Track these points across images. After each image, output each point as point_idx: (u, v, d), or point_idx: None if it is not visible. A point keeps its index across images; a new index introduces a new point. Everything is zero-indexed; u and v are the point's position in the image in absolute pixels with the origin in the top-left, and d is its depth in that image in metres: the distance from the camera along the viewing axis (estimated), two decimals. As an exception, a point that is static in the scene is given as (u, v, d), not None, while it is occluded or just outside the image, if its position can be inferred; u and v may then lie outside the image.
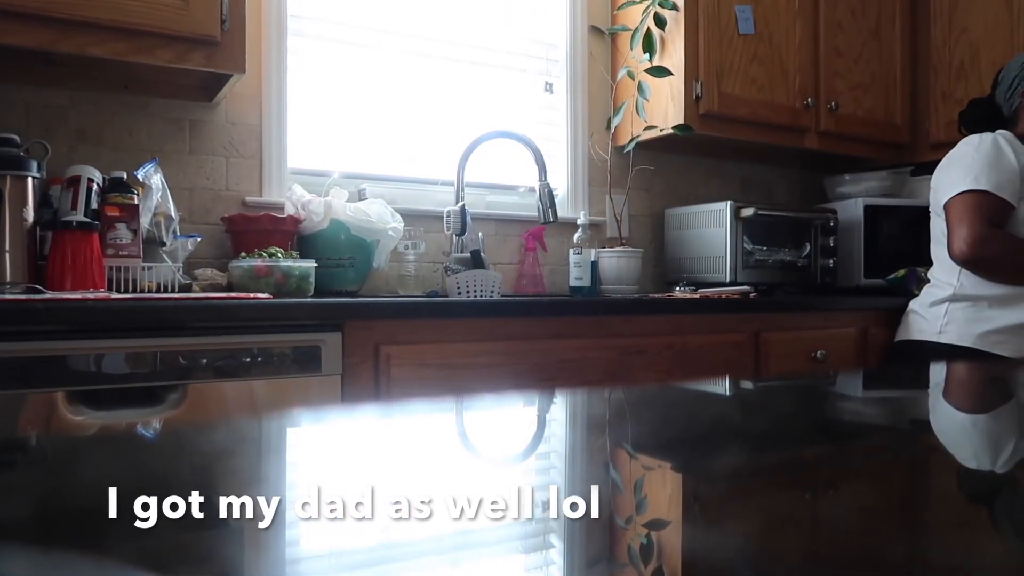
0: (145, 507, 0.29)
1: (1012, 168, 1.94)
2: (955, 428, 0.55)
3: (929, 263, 2.19)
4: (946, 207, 2.01)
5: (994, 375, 0.85)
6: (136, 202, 1.69)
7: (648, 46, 2.41)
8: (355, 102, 2.28)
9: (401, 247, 2.13)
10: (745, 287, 2.30)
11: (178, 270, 1.76)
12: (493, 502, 0.33)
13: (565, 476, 0.37)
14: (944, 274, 2.08)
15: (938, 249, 2.10)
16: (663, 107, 2.45)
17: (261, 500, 0.32)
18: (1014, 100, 2.06)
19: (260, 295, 1.56)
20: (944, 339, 2.03)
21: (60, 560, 0.23)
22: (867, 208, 2.58)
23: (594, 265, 2.35)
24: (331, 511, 0.31)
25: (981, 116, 2.10)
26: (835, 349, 2.21)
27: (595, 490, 0.33)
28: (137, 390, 1.36)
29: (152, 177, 1.78)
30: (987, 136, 2.00)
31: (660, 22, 2.40)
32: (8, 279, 1.53)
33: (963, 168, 1.98)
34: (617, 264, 2.41)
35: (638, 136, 2.47)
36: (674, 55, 2.41)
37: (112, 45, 1.61)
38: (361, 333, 1.56)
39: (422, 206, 2.30)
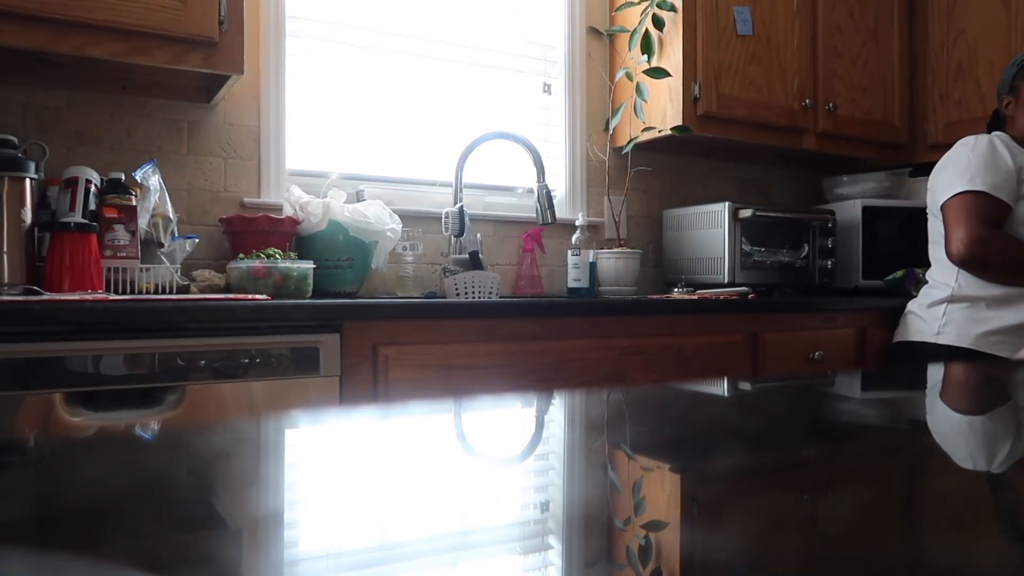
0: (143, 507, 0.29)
1: (1008, 168, 1.94)
2: (952, 429, 0.55)
3: (927, 264, 2.19)
4: (943, 208, 2.01)
5: (992, 376, 0.85)
6: (134, 203, 1.69)
7: (646, 47, 2.41)
8: (353, 103, 2.28)
9: (399, 248, 2.13)
10: (743, 288, 2.31)
11: (176, 271, 1.75)
12: (492, 502, 0.33)
13: (563, 477, 0.37)
14: (942, 275, 2.08)
15: (936, 250, 2.10)
16: (661, 108, 2.45)
17: (260, 501, 0.32)
18: (1001, 109, 2.09)
19: (258, 296, 1.56)
20: (942, 340, 2.03)
21: (58, 561, 0.23)
22: (865, 209, 2.58)
23: (592, 266, 2.35)
24: (330, 512, 0.31)
25: (996, 124, 2.12)
26: (833, 350, 2.21)
27: (593, 492, 0.33)
28: (135, 391, 1.36)
29: (150, 178, 1.78)
30: (983, 137, 2.00)
31: (658, 23, 2.40)
32: (6, 280, 1.53)
33: (959, 169, 1.98)
34: (615, 265, 2.41)
35: (636, 137, 2.47)
36: (672, 56, 2.41)
37: (110, 46, 1.61)
38: (359, 334, 1.56)
39: (420, 207, 2.30)
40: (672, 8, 2.39)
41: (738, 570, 0.24)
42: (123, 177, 1.72)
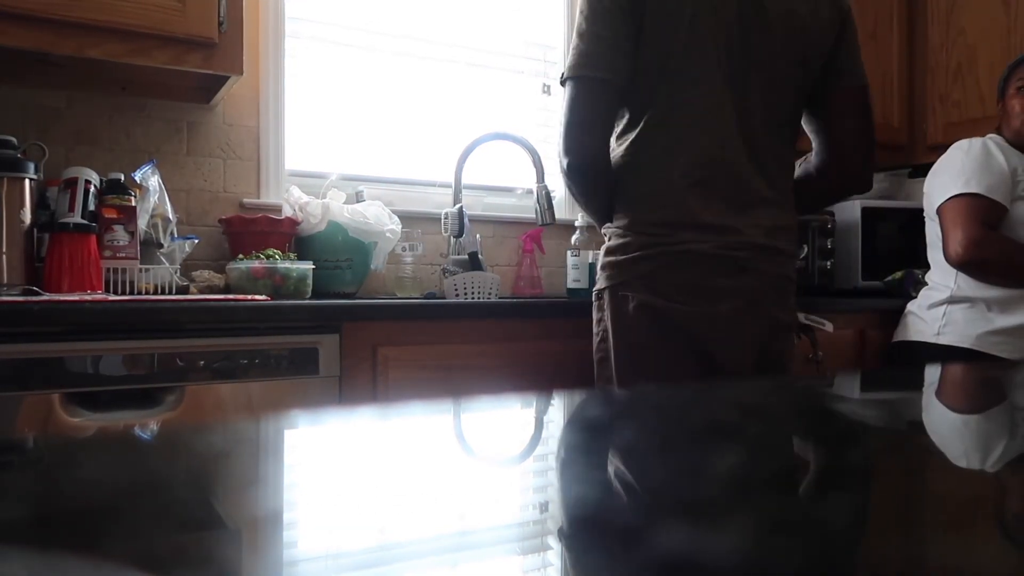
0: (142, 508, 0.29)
1: (1002, 170, 1.95)
2: (950, 429, 0.55)
3: (926, 265, 2.19)
4: (939, 211, 2.01)
5: (991, 376, 0.85)
6: (133, 204, 1.69)
7: (646, 48, 2.41)
8: (353, 104, 2.28)
9: (399, 249, 2.13)
10: (743, 289, 2.30)
11: (175, 272, 1.75)
12: (491, 503, 0.33)
13: (563, 477, 0.37)
14: (941, 277, 2.08)
15: (934, 252, 2.11)
16: (661, 109, 2.45)
17: (259, 501, 0.32)
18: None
19: (257, 297, 1.56)
20: (942, 340, 2.04)
21: (58, 561, 0.23)
22: (864, 210, 2.58)
23: (592, 267, 2.35)
24: (329, 512, 0.31)
25: None
26: (832, 351, 2.21)
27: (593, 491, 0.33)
28: (134, 392, 1.36)
29: (149, 179, 1.78)
30: (976, 140, 2.01)
31: (658, 24, 2.40)
32: (5, 281, 1.53)
33: (954, 172, 1.99)
34: (615, 266, 2.40)
35: (636, 138, 2.47)
36: (672, 57, 2.40)
37: (109, 47, 1.61)
38: (359, 335, 1.56)
39: (420, 208, 2.30)
40: (671, 9, 2.39)
41: (737, 570, 0.24)
42: (122, 178, 1.72)
